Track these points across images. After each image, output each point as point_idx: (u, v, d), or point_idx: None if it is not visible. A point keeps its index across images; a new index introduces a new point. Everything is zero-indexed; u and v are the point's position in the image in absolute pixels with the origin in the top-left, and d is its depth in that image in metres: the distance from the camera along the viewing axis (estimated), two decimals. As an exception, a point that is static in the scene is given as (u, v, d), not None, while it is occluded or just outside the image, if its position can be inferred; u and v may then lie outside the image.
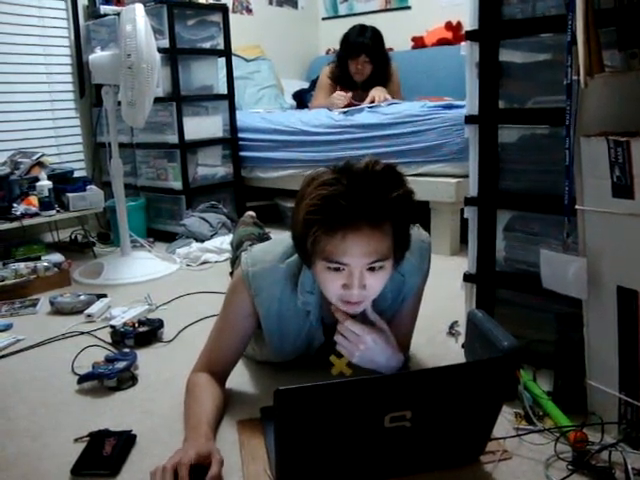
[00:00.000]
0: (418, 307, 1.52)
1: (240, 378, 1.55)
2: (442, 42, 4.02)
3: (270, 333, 1.42)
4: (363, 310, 1.30)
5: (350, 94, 3.30)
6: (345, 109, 3.16)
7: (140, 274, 2.53)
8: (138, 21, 2.25)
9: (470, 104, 1.56)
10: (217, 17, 3.31)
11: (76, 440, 1.28)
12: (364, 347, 1.27)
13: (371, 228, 1.15)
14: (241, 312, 1.39)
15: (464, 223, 1.70)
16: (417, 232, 1.41)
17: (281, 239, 1.42)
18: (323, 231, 1.15)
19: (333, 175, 1.17)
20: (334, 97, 3.30)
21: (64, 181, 2.89)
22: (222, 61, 3.36)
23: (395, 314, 1.46)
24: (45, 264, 2.41)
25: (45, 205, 2.68)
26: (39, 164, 2.89)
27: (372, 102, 3.16)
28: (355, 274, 1.18)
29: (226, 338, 1.41)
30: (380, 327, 1.31)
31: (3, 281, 2.28)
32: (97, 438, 1.26)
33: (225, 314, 1.42)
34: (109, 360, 1.59)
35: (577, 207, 1.21)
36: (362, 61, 3.33)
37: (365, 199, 1.13)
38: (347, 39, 3.38)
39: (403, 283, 1.41)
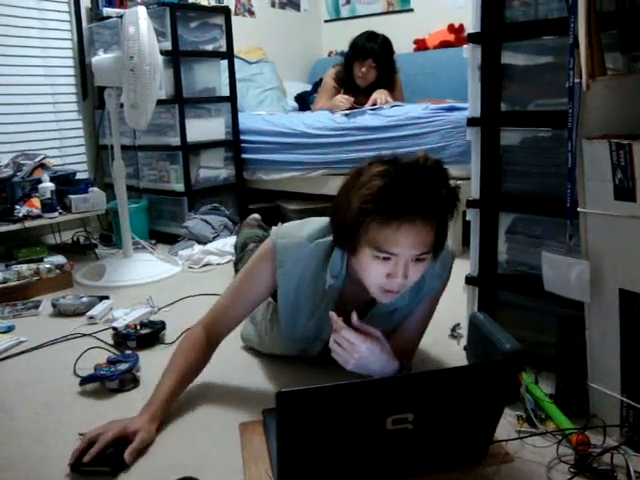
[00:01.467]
0: (429, 317, 1.52)
1: (242, 380, 1.55)
2: (444, 44, 4.02)
3: (284, 310, 1.45)
4: (357, 318, 1.31)
5: (352, 98, 3.29)
6: (347, 111, 3.17)
7: (142, 276, 2.54)
8: (141, 23, 2.26)
9: (472, 106, 1.56)
10: (220, 19, 3.31)
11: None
12: (358, 356, 1.27)
13: (423, 221, 1.17)
14: (261, 279, 1.42)
15: (466, 225, 1.70)
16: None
17: (313, 220, 1.43)
18: (378, 221, 1.17)
19: (387, 167, 1.18)
20: (336, 100, 3.30)
21: (66, 183, 2.90)
22: (224, 63, 3.36)
23: (407, 317, 1.47)
24: (47, 266, 2.41)
25: (47, 207, 2.69)
26: (42, 166, 2.90)
27: (374, 104, 3.16)
28: (401, 264, 1.20)
29: (237, 301, 1.45)
30: (375, 336, 1.31)
31: (5, 283, 2.28)
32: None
33: (245, 277, 1.45)
34: (111, 362, 1.59)
35: (579, 210, 1.21)
36: (368, 65, 3.33)
37: (421, 193, 1.15)
38: (357, 42, 3.38)
39: (423, 285, 1.41)
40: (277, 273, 1.40)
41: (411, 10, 4.35)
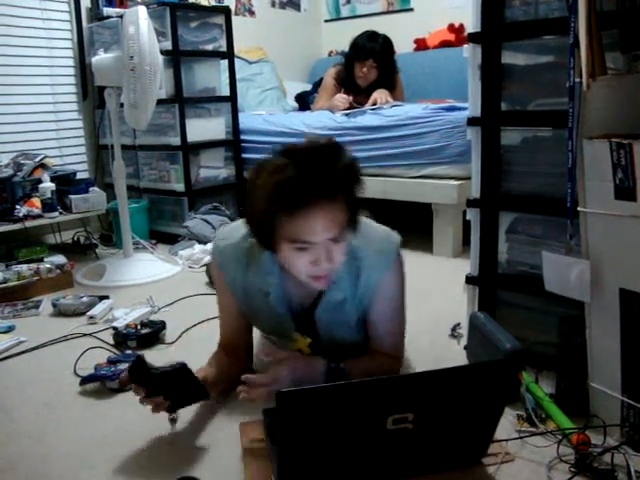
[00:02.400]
0: (397, 314, 1.45)
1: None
2: (444, 44, 4.02)
3: (245, 309, 1.46)
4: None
5: (351, 97, 3.29)
6: (347, 111, 3.16)
7: (142, 276, 2.54)
8: (141, 23, 2.26)
9: (472, 106, 1.56)
10: (220, 19, 3.31)
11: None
12: (287, 377, 1.26)
13: (329, 202, 1.17)
14: (220, 290, 1.48)
15: (466, 225, 1.70)
16: (387, 232, 1.42)
17: None
18: (286, 215, 1.17)
19: (281, 160, 1.18)
20: (335, 99, 3.30)
21: (67, 183, 2.90)
22: (225, 63, 3.37)
23: (368, 317, 1.43)
24: (47, 266, 2.41)
25: (48, 207, 2.69)
26: (42, 166, 2.90)
27: (374, 104, 3.16)
28: (322, 249, 1.20)
29: (222, 316, 1.51)
30: (279, 358, 1.32)
31: (6, 283, 2.28)
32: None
33: (216, 290, 1.52)
34: (111, 362, 1.59)
35: (580, 209, 1.21)
36: (369, 65, 3.33)
37: (317, 175, 1.15)
38: (357, 42, 3.38)
39: (360, 270, 1.36)
40: (225, 279, 1.42)
41: (411, 10, 4.35)
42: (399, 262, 1.42)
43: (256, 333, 1.58)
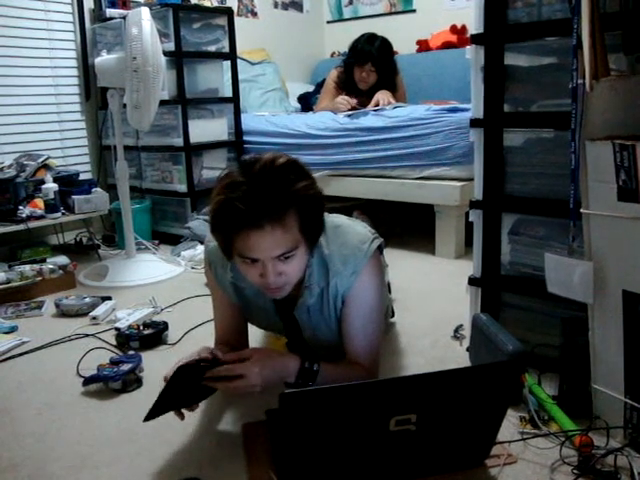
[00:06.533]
0: (371, 326, 1.39)
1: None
2: (447, 45, 4.02)
3: (239, 305, 1.48)
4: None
5: (355, 99, 3.30)
6: (350, 112, 3.17)
7: (145, 276, 2.54)
8: (144, 24, 2.26)
9: (475, 107, 1.56)
10: (222, 20, 3.32)
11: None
12: (256, 373, 1.25)
13: (272, 224, 1.16)
14: (211, 284, 1.51)
15: (469, 226, 1.70)
16: (360, 239, 1.37)
17: None
18: (229, 232, 1.20)
19: (235, 177, 1.18)
20: (338, 101, 3.31)
21: (69, 184, 2.90)
22: (227, 64, 3.37)
23: (341, 328, 1.41)
24: (50, 266, 2.42)
25: (50, 207, 2.69)
26: (45, 167, 2.91)
27: (377, 105, 3.16)
28: (268, 266, 1.21)
29: (217, 313, 1.54)
30: (247, 356, 1.29)
31: (9, 283, 2.29)
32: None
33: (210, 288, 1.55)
34: (114, 362, 1.59)
35: (582, 211, 1.21)
36: (368, 69, 3.34)
37: (263, 199, 1.15)
38: (356, 46, 3.38)
39: (327, 275, 1.35)
40: (215, 277, 1.46)
41: (413, 11, 4.35)
42: (370, 269, 1.36)
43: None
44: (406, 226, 3.25)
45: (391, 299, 1.93)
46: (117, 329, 1.89)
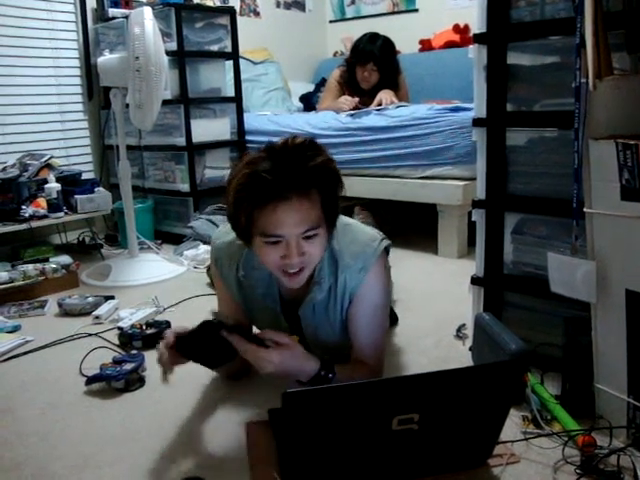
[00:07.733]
0: (378, 324, 1.40)
1: (249, 379, 1.55)
2: (450, 45, 4.01)
3: (243, 306, 1.48)
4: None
5: (357, 99, 3.30)
6: (352, 112, 3.17)
7: (148, 276, 2.54)
8: (146, 24, 2.26)
9: (478, 107, 1.56)
10: (225, 20, 3.32)
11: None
12: (273, 364, 1.22)
13: (299, 197, 1.18)
14: (217, 282, 1.52)
15: (472, 226, 1.70)
16: (370, 237, 1.39)
17: None
18: (254, 207, 1.19)
19: (258, 154, 1.20)
20: (340, 101, 3.31)
21: (72, 183, 2.91)
22: (230, 64, 3.37)
23: (348, 325, 1.41)
24: (53, 266, 2.42)
25: (53, 207, 2.70)
26: (47, 166, 2.91)
27: (379, 104, 3.16)
28: (292, 243, 1.21)
29: (220, 305, 1.54)
30: (283, 343, 1.26)
31: (12, 282, 2.29)
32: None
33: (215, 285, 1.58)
34: (117, 362, 1.59)
35: (585, 210, 1.20)
36: (370, 69, 3.34)
37: (289, 170, 1.17)
38: (357, 45, 3.38)
39: (337, 270, 1.35)
40: (221, 275, 1.46)
41: (416, 10, 4.35)
42: (378, 268, 1.37)
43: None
44: (409, 226, 3.25)
45: (394, 301, 1.93)
46: (120, 328, 1.90)
